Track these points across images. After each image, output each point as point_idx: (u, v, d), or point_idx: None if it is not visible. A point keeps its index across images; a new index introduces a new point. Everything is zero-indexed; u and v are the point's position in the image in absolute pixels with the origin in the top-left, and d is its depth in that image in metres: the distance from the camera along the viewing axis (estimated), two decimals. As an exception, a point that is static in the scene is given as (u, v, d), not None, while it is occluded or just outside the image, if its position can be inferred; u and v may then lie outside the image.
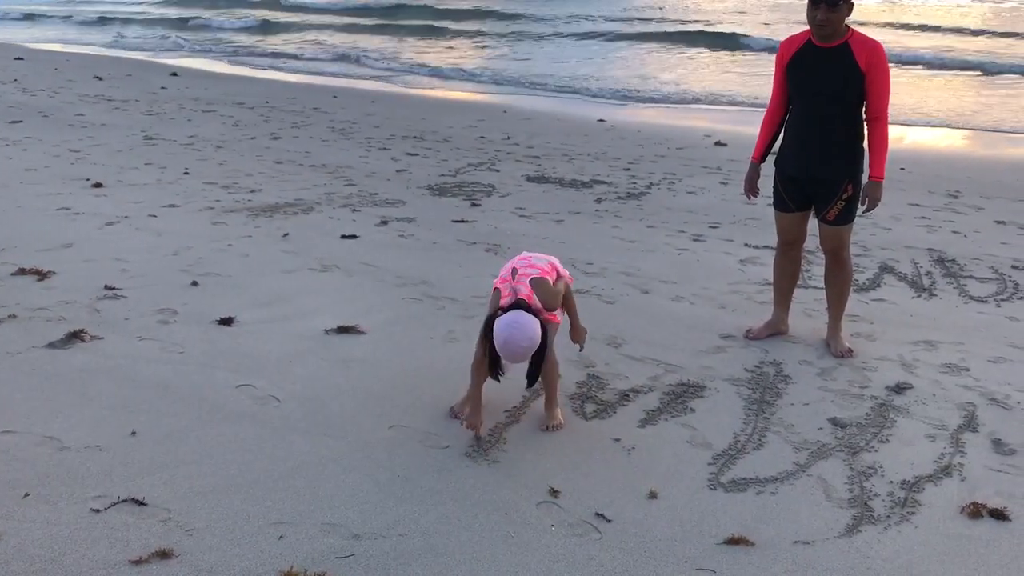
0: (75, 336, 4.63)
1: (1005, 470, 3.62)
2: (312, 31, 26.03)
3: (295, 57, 22.19)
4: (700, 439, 3.82)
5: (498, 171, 9.38)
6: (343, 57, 22.31)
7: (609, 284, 5.76)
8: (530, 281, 3.73)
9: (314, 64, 20.92)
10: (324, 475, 3.49)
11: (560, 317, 4.02)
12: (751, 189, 4.81)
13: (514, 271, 3.81)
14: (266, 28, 28.13)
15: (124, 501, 3.23)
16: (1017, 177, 9.59)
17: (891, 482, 3.51)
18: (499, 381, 3.81)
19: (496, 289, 3.83)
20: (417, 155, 10.20)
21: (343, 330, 4.88)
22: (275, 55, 22.79)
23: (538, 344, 3.53)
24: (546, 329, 3.63)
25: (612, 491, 3.42)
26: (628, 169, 9.65)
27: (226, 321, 4.95)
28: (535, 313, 3.59)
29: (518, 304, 3.60)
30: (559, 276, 3.96)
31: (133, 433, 3.71)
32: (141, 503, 3.22)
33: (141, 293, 5.32)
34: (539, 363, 3.66)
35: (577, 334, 4.18)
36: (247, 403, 4.04)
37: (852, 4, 4.21)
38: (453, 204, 7.92)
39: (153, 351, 4.54)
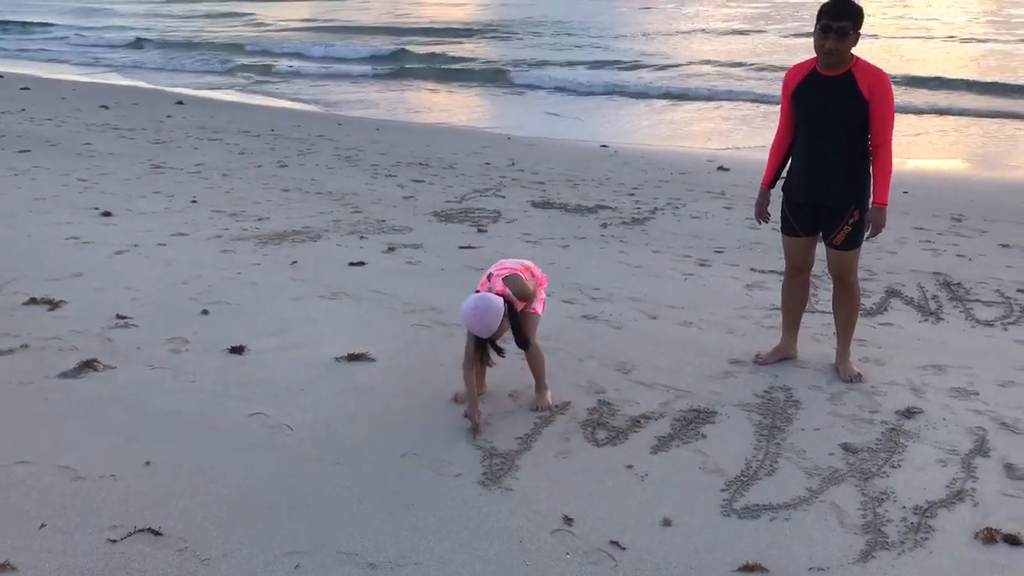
0: (87, 366, 4.65)
1: (1018, 495, 3.63)
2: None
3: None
4: (712, 465, 3.83)
5: (503, 197, 9.44)
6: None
7: (617, 309, 5.78)
8: (503, 279, 4.20)
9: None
10: (338, 504, 3.50)
11: (540, 309, 4.43)
12: (761, 215, 4.85)
13: (490, 276, 4.31)
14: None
15: (140, 531, 3.24)
16: (1019, 200, 9.63)
17: (904, 507, 3.52)
18: (490, 365, 4.31)
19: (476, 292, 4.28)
20: (423, 181, 10.26)
21: (353, 357, 4.90)
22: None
23: (495, 310, 4.02)
24: (525, 317, 4.24)
25: (626, 518, 3.43)
26: (632, 194, 9.71)
27: (237, 350, 4.98)
28: (506, 300, 4.12)
29: None
30: (533, 276, 4.43)
31: (148, 463, 3.72)
32: (157, 533, 3.24)
33: (152, 322, 5.35)
34: (517, 329, 4.19)
35: (541, 397, 4.39)
36: (259, 432, 4.06)
37: (859, 35, 4.26)
38: (460, 230, 7.96)
39: (165, 380, 4.57)
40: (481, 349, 4.19)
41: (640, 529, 3.36)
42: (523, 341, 4.24)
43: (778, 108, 4.79)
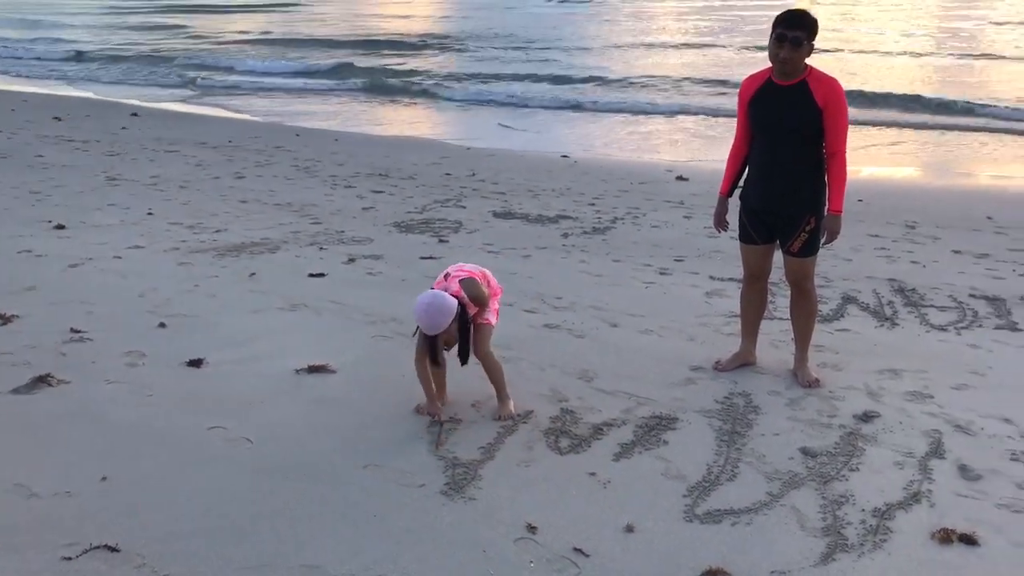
0: (41, 380, 4.57)
1: (972, 495, 3.69)
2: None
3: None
4: (674, 471, 3.85)
5: (464, 207, 9.44)
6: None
7: (578, 318, 5.80)
8: (460, 280, 4.25)
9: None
10: (300, 516, 3.47)
11: (494, 320, 4.44)
12: (720, 223, 4.90)
13: (447, 275, 4.34)
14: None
15: (96, 548, 3.19)
16: (970, 207, 9.82)
17: (863, 510, 3.56)
18: (439, 365, 4.29)
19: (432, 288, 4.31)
20: (383, 192, 10.23)
21: (313, 369, 4.86)
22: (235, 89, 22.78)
23: (448, 309, 4.07)
24: (471, 322, 4.24)
25: (589, 525, 3.43)
26: (593, 204, 9.76)
27: (195, 363, 4.92)
28: (460, 301, 4.16)
29: None
30: (489, 284, 4.45)
31: (104, 478, 3.66)
32: (114, 549, 3.18)
33: (108, 336, 5.27)
34: (466, 344, 4.23)
35: (503, 406, 4.38)
36: (219, 445, 4.01)
37: (813, 46, 4.34)
38: (420, 241, 7.95)
39: (122, 394, 4.50)
40: (432, 346, 4.22)
41: (603, 536, 3.37)
42: (466, 352, 4.27)
43: (731, 121, 4.85)
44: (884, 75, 21.40)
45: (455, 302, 4.13)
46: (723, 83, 20.21)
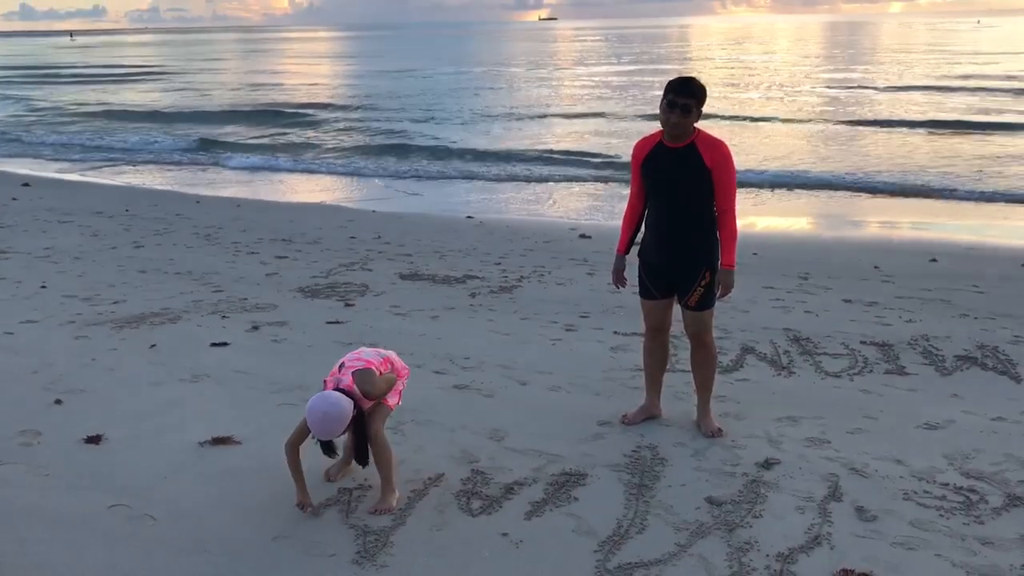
0: (-73, 465, 4.36)
1: (869, 536, 3.83)
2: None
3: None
4: (585, 527, 3.90)
5: (371, 270, 9.43)
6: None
7: (487, 377, 5.84)
8: (353, 372, 4.01)
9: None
10: (206, 594, 3.38)
11: (394, 401, 4.24)
12: (618, 279, 5.04)
13: (342, 365, 4.12)
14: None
15: (-11, 640, 3.04)
16: (859, 257, 10.29)
17: (767, 555, 3.66)
18: (332, 456, 4.10)
19: (324, 383, 4.12)
20: (287, 257, 10.14)
21: (218, 441, 4.77)
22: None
23: (344, 416, 3.86)
24: (366, 412, 4.01)
25: (503, 586, 3.44)
26: (499, 263, 9.87)
27: (94, 439, 4.77)
28: (353, 398, 3.93)
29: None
30: (393, 368, 4.26)
31: (-3, 565, 3.51)
32: (8, 640, 3.04)
33: (0, 415, 5.07)
34: (362, 442, 4.02)
35: (383, 498, 4.08)
36: (121, 524, 3.89)
37: (701, 111, 4.55)
38: (327, 305, 7.90)
39: (16, 475, 4.32)
40: (321, 442, 3.98)
41: (517, 596, 3.38)
42: (364, 453, 4.05)
43: (620, 185, 5.02)
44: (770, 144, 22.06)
45: (351, 405, 3.89)
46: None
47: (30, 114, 33.54)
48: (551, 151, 21.07)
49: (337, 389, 3.96)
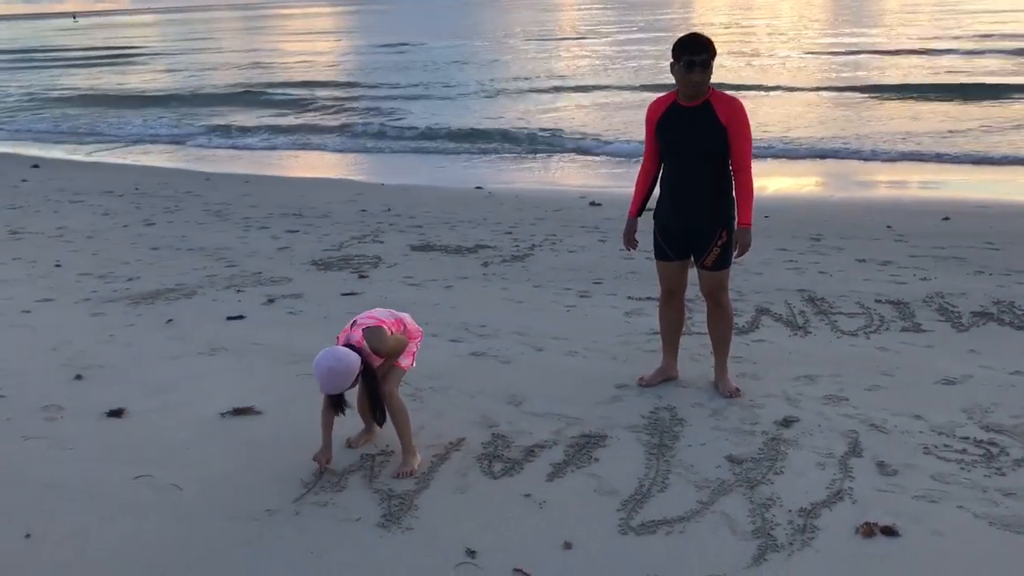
0: (-46, 441, 4.41)
1: (890, 490, 3.85)
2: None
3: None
4: (607, 487, 3.92)
5: (382, 242, 9.43)
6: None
7: (504, 344, 5.86)
8: (363, 329, 4.01)
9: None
10: (235, 559, 3.42)
11: (407, 363, 4.24)
12: (629, 242, 5.03)
13: (353, 323, 4.12)
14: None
15: (25, 607, 3.09)
16: (870, 217, 10.24)
17: (789, 511, 3.69)
18: (343, 415, 4.08)
19: (336, 339, 4.13)
20: (298, 231, 10.15)
21: (239, 412, 4.81)
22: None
23: (349, 371, 3.85)
24: (377, 371, 4.02)
25: (528, 546, 3.48)
26: (510, 233, 9.86)
27: (116, 413, 4.81)
28: (362, 354, 3.93)
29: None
30: (406, 329, 4.25)
31: (28, 536, 3.55)
32: (43, 607, 3.09)
33: (22, 392, 5.12)
34: (377, 401, 4.03)
35: (405, 460, 4.12)
36: (147, 494, 3.93)
37: (713, 66, 4.53)
38: (340, 277, 7.92)
39: (41, 450, 4.37)
40: (335, 402, 4.02)
41: (542, 554, 3.41)
42: (380, 411, 4.07)
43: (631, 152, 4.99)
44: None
45: (357, 361, 3.89)
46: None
47: (36, 95, 33.53)
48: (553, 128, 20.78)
49: (347, 345, 3.97)
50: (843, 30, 45.77)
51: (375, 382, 4.02)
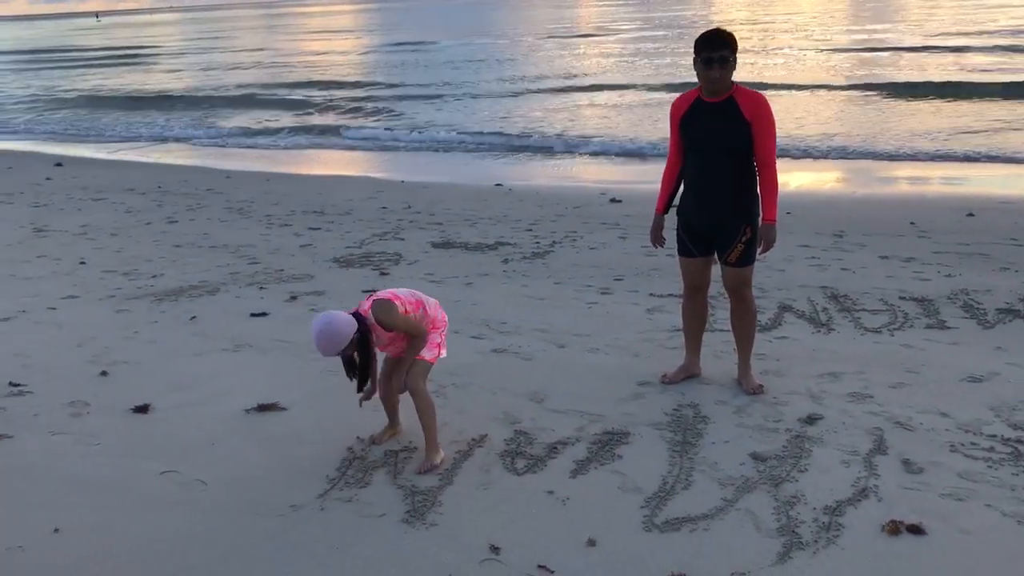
0: (-18, 437, 4.46)
1: (916, 488, 3.82)
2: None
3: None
4: (630, 484, 3.92)
5: (403, 240, 9.46)
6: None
7: (525, 341, 5.86)
8: (373, 299, 4.05)
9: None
10: (260, 555, 3.44)
11: (432, 355, 4.21)
12: (656, 239, 5.02)
13: (371, 294, 4.17)
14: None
15: (54, 601, 3.12)
16: (894, 213, 10.16)
17: (814, 508, 3.67)
18: (351, 378, 4.16)
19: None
20: (320, 229, 10.19)
21: (263, 408, 4.84)
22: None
23: (340, 334, 3.87)
24: (372, 343, 4.07)
25: (551, 542, 3.48)
26: (530, 230, 9.86)
27: (141, 409, 4.85)
28: (366, 324, 3.97)
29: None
30: (426, 314, 4.21)
31: (56, 530, 3.59)
32: (72, 601, 3.12)
33: (48, 387, 5.17)
34: (365, 368, 4.10)
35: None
36: (173, 489, 3.96)
37: (736, 60, 4.50)
38: (362, 275, 7.94)
39: (68, 445, 4.41)
40: (345, 363, 4.13)
41: (566, 551, 3.41)
42: (364, 378, 4.14)
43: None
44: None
45: (351, 326, 3.90)
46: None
47: (59, 96, 33.80)
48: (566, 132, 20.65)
49: (354, 313, 4.01)
50: (865, 26, 45.34)
51: (368, 352, 4.07)
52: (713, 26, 4.69)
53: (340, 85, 32.19)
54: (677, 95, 4.87)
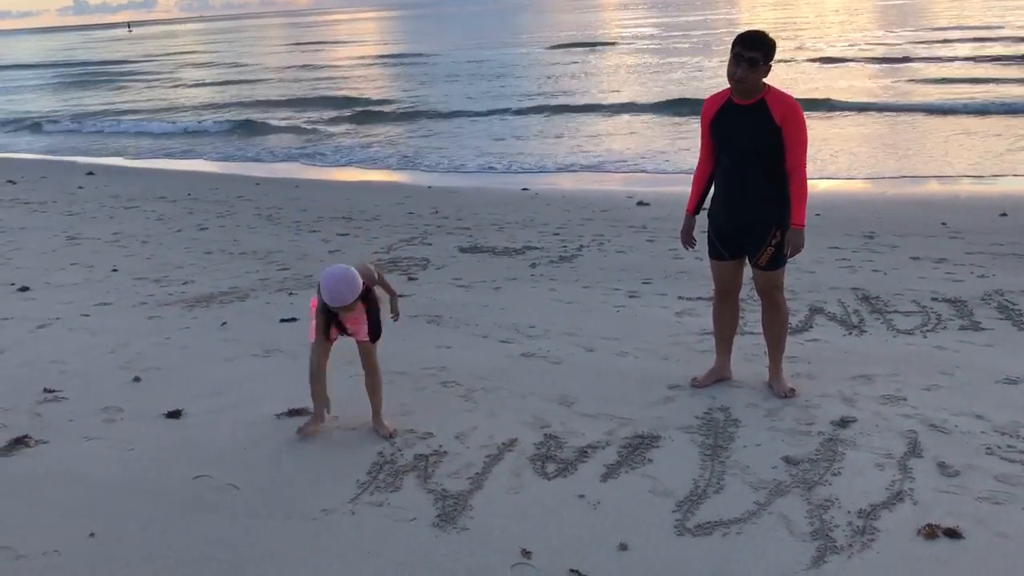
0: (19, 442, 4.51)
1: (952, 491, 3.77)
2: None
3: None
4: (662, 488, 3.89)
5: (431, 244, 9.49)
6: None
7: (554, 345, 5.85)
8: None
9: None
10: (293, 559, 3.46)
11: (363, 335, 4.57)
12: (687, 240, 4.99)
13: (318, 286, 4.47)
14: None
15: (90, 604, 3.15)
16: (925, 214, 10.07)
17: (848, 512, 3.63)
18: (329, 340, 4.55)
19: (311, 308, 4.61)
20: (348, 235, 10.25)
21: (294, 412, 4.86)
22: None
23: (357, 281, 4.29)
24: (373, 292, 4.53)
25: (583, 546, 3.46)
26: (557, 234, 9.86)
27: (174, 414, 4.89)
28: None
29: None
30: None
31: (92, 535, 3.63)
32: (108, 605, 3.15)
33: (82, 393, 5.22)
34: (376, 318, 4.53)
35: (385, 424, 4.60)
36: (206, 494, 3.99)
37: (770, 67, 4.45)
38: (390, 280, 7.94)
39: (102, 450, 4.46)
40: (327, 323, 4.47)
41: (598, 556, 3.40)
42: (377, 329, 4.55)
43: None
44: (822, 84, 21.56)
45: (361, 281, 4.32)
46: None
47: (93, 105, 34.24)
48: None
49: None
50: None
51: (375, 300, 4.53)
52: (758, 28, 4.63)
53: (363, 90, 32.12)
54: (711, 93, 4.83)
